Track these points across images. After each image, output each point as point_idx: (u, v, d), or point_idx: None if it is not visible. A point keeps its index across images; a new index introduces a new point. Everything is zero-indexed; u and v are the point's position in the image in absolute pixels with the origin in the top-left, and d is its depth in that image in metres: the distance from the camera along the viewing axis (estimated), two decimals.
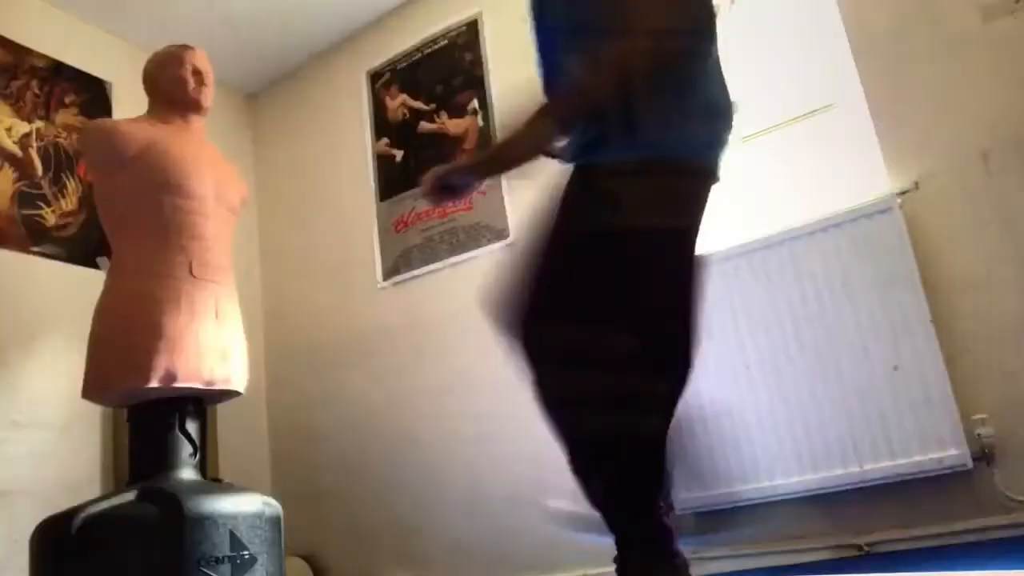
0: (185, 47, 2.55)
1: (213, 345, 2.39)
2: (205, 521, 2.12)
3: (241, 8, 3.76)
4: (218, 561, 2.11)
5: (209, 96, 2.56)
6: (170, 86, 2.51)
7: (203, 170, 2.49)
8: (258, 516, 2.27)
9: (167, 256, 2.35)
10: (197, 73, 2.52)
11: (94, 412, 3.10)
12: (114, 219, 2.43)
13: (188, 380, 2.30)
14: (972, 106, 2.51)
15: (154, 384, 2.23)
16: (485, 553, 3.13)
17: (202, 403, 2.45)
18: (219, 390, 2.43)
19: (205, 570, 2.06)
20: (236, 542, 2.17)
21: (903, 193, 2.54)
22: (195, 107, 2.53)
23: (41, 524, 2.12)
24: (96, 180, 2.47)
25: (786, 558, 2.54)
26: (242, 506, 2.25)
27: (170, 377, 2.26)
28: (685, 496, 2.66)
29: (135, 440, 2.36)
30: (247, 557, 2.19)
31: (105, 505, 2.11)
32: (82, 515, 2.05)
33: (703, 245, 1.57)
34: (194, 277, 2.37)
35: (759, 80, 3.06)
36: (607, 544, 1.42)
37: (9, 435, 2.92)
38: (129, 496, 2.16)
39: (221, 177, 2.57)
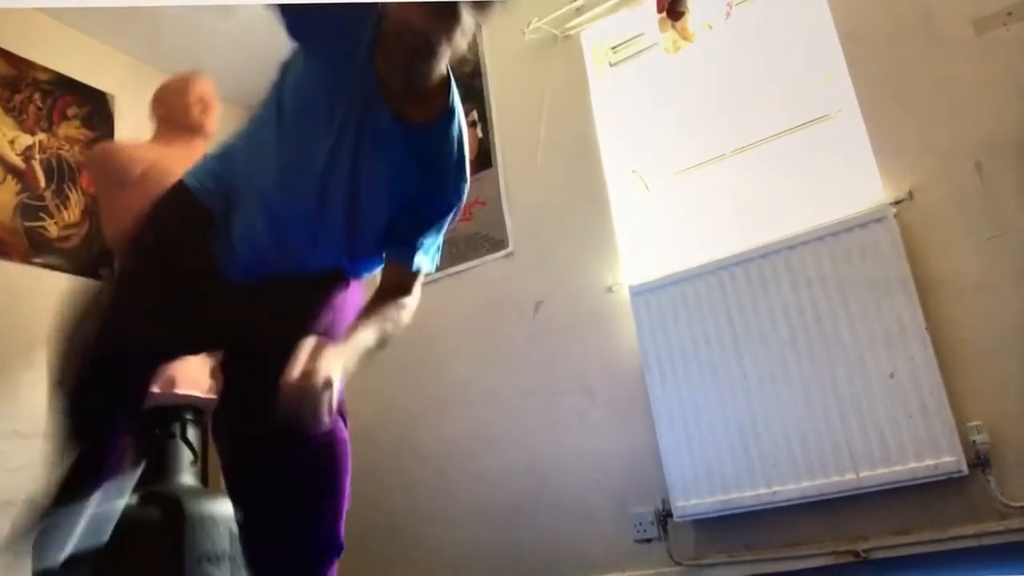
0: (192, 74, 2.60)
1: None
2: (205, 521, 2.17)
3: (242, 22, 3.79)
4: (219, 559, 2.15)
5: (213, 120, 2.60)
6: (175, 111, 2.59)
7: None
8: None
9: None
10: (201, 99, 2.58)
11: None
12: (117, 234, 2.48)
13: (188, 387, 2.33)
14: (965, 116, 2.54)
15: (155, 389, 2.26)
16: (487, 563, 3.14)
17: (202, 413, 2.48)
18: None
19: (207, 566, 2.09)
20: (236, 541, 2.20)
21: (897, 202, 2.57)
22: (199, 131, 2.59)
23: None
24: (101, 197, 2.52)
25: (784, 564, 2.55)
26: None
27: (170, 383, 2.30)
28: (683, 504, 2.68)
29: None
30: None
31: None
32: None
33: None
34: None
35: (755, 90, 3.09)
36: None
37: (12, 446, 2.93)
38: (131, 500, 2.19)
39: None
